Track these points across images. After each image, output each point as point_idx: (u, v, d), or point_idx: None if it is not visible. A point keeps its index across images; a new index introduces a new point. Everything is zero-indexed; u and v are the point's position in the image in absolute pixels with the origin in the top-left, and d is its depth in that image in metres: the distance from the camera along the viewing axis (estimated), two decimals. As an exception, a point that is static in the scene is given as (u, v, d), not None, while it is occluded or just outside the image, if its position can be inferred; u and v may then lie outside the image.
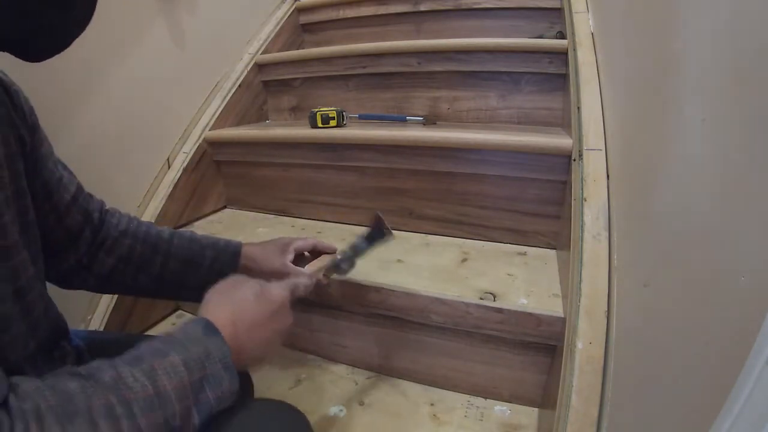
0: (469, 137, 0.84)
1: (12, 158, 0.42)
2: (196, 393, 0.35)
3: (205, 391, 0.36)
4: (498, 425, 0.71)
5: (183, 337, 0.38)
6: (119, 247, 0.57)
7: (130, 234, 0.58)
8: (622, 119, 0.66)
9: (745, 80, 0.32)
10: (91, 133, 0.86)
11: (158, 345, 0.37)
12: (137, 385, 0.33)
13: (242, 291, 0.45)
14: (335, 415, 0.73)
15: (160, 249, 0.59)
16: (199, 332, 0.39)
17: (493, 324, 0.68)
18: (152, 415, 0.32)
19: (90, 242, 0.55)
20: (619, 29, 0.75)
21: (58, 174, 0.52)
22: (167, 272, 0.59)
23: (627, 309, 0.52)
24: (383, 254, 0.85)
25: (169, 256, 0.59)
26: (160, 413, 0.33)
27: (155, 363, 0.35)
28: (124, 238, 0.58)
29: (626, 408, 0.45)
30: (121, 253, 0.57)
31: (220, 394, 0.37)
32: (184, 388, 0.34)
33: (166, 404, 0.33)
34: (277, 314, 0.46)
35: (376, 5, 1.40)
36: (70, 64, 0.80)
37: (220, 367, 0.37)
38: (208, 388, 0.36)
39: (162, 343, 0.37)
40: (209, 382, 0.36)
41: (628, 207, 0.58)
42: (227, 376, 0.38)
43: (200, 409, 0.36)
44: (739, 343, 0.27)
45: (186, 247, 0.61)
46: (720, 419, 0.27)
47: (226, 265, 0.62)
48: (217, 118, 1.15)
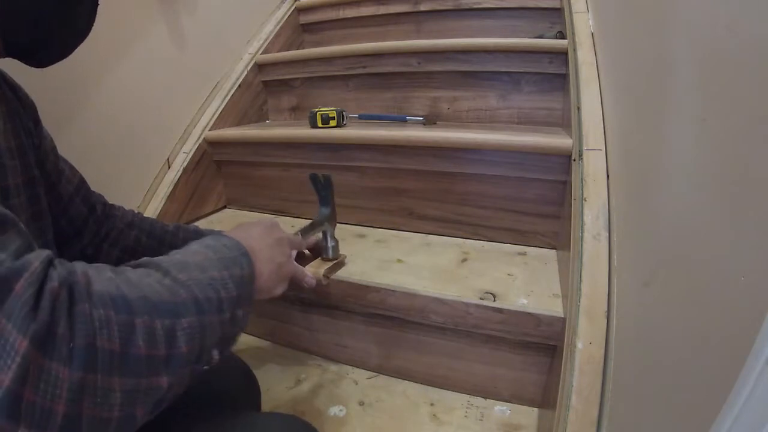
0: (469, 137, 0.84)
1: (22, 149, 0.43)
2: (226, 268, 0.38)
3: (232, 269, 0.38)
4: (498, 425, 0.71)
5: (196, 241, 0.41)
6: (125, 238, 0.59)
7: (136, 226, 0.60)
8: (622, 119, 0.66)
9: (745, 80, 0.32)
10: (91, 133, 0.86)
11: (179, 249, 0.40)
12: (171, 258, 0.36)
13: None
14: (335, 415, 0.73)
15: (166, 241, 0.61)
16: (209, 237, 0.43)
17: (493, 324, 0.68)
18: (192, 274, 0.34)
19: (94, 233, 0.57)
20: (619, 29, 0.75)
21: (60, 166, 0.54)
22: None
23: (627, 309, 0.52)
24: (383, 254, 0.85)
25: (174, 248, 0.60)
26: (200, 275, 0.35)
27: (181, 250, 0.39)
28: (130, 230, 0.59)
29: (626, 408, 0.45)
30: (126, 245, 0.59)
31: (247, 272, 0.40)
32: (211, 261, 0.37)
33: (203, 269, 0.35)
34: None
35: (376, 5, 1.40)
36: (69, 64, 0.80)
37: (238, 252, 0.41)
38: (233, 267, 0.39)
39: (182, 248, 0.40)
40: (234, 262, 0.39)
41: (628, 207, 0.58)
42: (245, 260, 0.41)
43: (235, 282, 0.37)
44: (739, 343, 0.27)
45: (191, 239, 0.61)
46: (720, 419, 0.27)
47: None
48: (217, 118, 1.15)
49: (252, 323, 0.95)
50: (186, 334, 0.31)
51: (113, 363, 0.26)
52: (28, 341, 0.23)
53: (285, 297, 0.87)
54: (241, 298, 0.38)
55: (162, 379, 0.29)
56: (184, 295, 0.32)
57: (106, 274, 0.29)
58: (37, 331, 0.23)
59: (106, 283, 0.28)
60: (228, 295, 0.36)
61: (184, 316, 0.31)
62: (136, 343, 0.27)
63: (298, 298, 0.86)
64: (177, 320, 0.30)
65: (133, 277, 0.31)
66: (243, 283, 0.39)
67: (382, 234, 0.97)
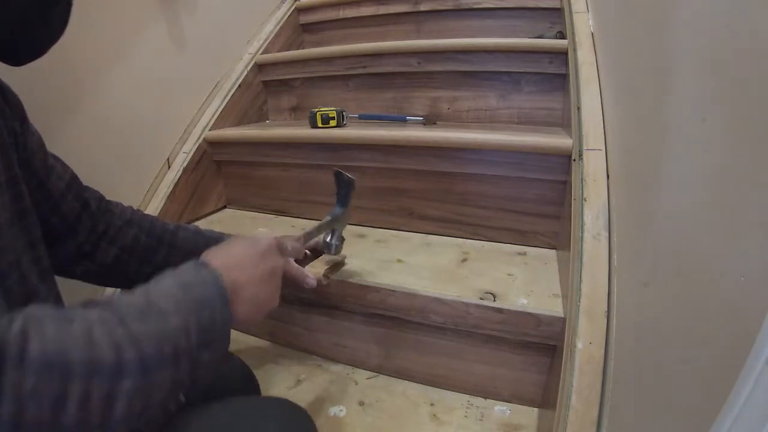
0: (469, 137, 0.84)
1: (4, 148, 0.43)
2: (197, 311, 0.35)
3: (204, 311, 0.36)
4: (498, 425, 0.71)
5: (175, 270, 0.39)
6: (123, 236, 0.58)
7: (135, 224, 0.59)
8: (622, 119, 0.66)
9: (745, 80, 0.32)
10: (91, 133, 0.86)
11: (153, 280, 0.38)
12: (131, 300, 0.33)
13: (230, 243, 0.46)
14: (335, 415, 0.73)
15: (165, 240, 0.60)
16: (190, 266, 0.40)
17: (493, 324, 0.67)
18: (148, 326, 0.32)
19: (90, 230, 0.56)
20: (619, 29, 0.75)
21: (50, 163, 0.54)
22: (171, 264, 0.60)
23: (627, 309, 0.52)
24: (383, 254, 0.85)
25: (173, 248, 0.60)
26: (157, 326, 0.32)
27: (149, 287, 0.36)
28: (129, 228, 0.59)
29: (626, 408, 0.45)
30: (125, 243, 0.58)
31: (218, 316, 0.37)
32: (178, 304, 0.35)
33: (162, 318, 0.33)
34: (268, 254, 0.46)
35: (376, 5, 1.40)
36: (70, 64, 0.81)
37: (215, 291, 0.38)
38: (206, 310, 0.36)
39: (156, 277, 0.38)
40: (207, 304, 0.36)
41: (628, 207, 0.58)
42: (221, 301, 0.38)
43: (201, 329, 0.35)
44: (739, 343, 0.27)
45: (191, 239, 0.62)
46: (720, 419, 0.27)
47: None
48: (217, 118, 1.15)
49: (252, 323, 0.95)
50: (127, 397, 0.29)
51: (41, 427, 0.26)
52: None
53: (284, 297, 0.87)
54: (207, 343, 0.36)
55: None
56: (132, 355, 0.30)
57: (49, 330, 0.27)
58: None
59: (44, 343, 0.26)
60: (188, 344, 0.34)
61: (128, 378, 0.29)
62: (68, 412, 0.26)
63: (298, 298, 0.86)
64: (118, 383, 0.29)
65: (78, 331, 0.28)
66: (211, 329, 0.36)
67: (382, 234, 0.97)
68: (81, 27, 0.82)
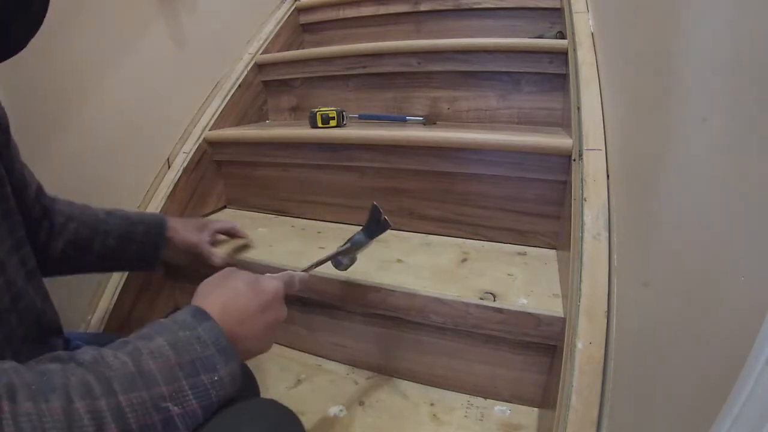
0: (469, 137, 0.84)
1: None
2: (189, 376, 0.34)
3: (199, 375, 0.34)
4: (498, 425, 0.71)
5: (170, 322, 0.37)
6: (67, 232, 0.63)
7: (75, 218, 0.64)
8: (622, 119, 0.66)
9: (745, 79, 0.32)
10: (91, 133, 0.86)
11: (145, 331, 0.36)
12: (117, 363, 0.31)
13: (233, 281, 0.44)
14: (335, 415, 0.73)
15: (100, 230, 0.65)
16: (188, 317, 0.37)
17: (493, 324, 0.67)
18: (134, 395, 0.30)
19: (48, 232, 0.61)
20: (619, 29, 0.75)
21: (24, 172, 0.57)
22: (107, 249, 0.66)
23: (627, 309, 0.52)
24: (383, 254, 0.85)
25: (107, 235, 0.66)
26: (144, 393, 0.31)
27: (140, 344, 0.34)
28: (70, 223, 0.63)
29: (626, 408, 0.45)
30: (68, 238, 0.63)
31: (217, 378, 0.35)
32: (171, 368, 0.33)
33: (151, 384, 0.31)
34: (270, 306, 0.44)
35: (376, 5, 1.40)
36: (69, 64, 0.81)
37: (213, 350, 0.36)
38: (202, 372, 0.34)
39: (149, 328, 0.36)
40: (203, 365, 0.35)
41: (627, 207, 0.58)
42: (222, 358, 0.36)
43: (197, 394, 0.34)
44: (739, 343, 0.27)
45: (120, 224, 0.68)
46: (720, 419, 0.27)
47: (155, 236, 0.70)
48: (217, 118, 1.15)
49: (252, 323, 0.95)
50: None
51: None
52: None
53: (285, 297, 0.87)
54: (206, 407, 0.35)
55: None
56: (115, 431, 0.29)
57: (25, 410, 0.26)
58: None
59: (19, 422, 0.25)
60: (183, 410, 0.33)
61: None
62: None
63: (298, 298, 0.86)
64: None
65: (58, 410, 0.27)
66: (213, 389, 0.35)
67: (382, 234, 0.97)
68: (81, 27, 0.82)
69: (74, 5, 0.79)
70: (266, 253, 0.86)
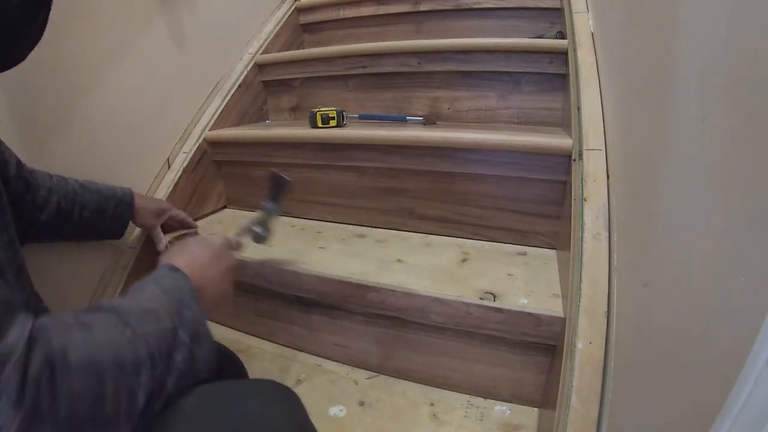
0: (469, 137, 0.84)
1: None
2: (179, 314, 0.41)
3: (184, 312, 0.42)
4: (498, 425, 0.71)
5: (155, 276, 0.45)
6: (49, 205, 0.68)
7: (54, 192, 0.69)
8: (622, 119, 0.66)
9: (745, 79, 0.32)
10: (91, 133, 0.86)
11: (137, 285, 0.43)
12: (126, 305, 0.38)
13: (189, 245, 0.54)
14: (335, 415, 0.73)
15: (77, 201, 0.71)
16: (165, 272, 0.45)
17: (493, 324, 0.68)
18: (147, 326, 0.37)
19: (32, 205, 0.65)
20: (619, 29, 0.75)
21: (6, 154, 0.61)
22: (83, 221, 0.73)
23: (627, 309, 0.52)
24: (383, 254, 0.85)
25: (84, 208, 0.72)
26: (155, 326, 0.38)
27: (137, 295, 0.41)
28: (51, 196, 0.68)
29: (626, 408, 0.45)
30: (51, 210, 0.68)
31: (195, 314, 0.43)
32: (167, 307, 0.40)
33: (158, 319, 0.39)
34: (222, 254, 0.54)
35: (376, 5, 1.40)
36: (69, 63, 0.80)
37: (189, 294, 0.44)
38: (185, 309, 0.42)
39: (139, 283, 0.43)
40: (185, 304, 0.42)
41: (628, 207, 0.58)
42: (195, 300, 0.44)
43: (187, 327, 0.41)
44: (739, 343, 0.27)
45: (94, 199, 0.74)
46: (720, 419, 0.27)
47: (123, 211, 0.79)
48: (217, 118, 1.15)
49: (252, 323, 0.95)
50: (145, 389, 0.35)
51: (86, 421, 0.32)
52: (19, 419, 0.28)
53: (285, 297, 0.87)
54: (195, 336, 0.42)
55: (124, 425, 0.35)
56: (144, 352, 0.36)
57: (78, 337, 0.33)
58: (25, 413, 0.28)
59: (79, 349, 0.32)
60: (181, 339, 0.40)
61: (143, 374, 0.35)
62: (106, 404, 0.33)
63: (298, 298, 0.86)
64: (137, 379, 0.35)
65: (99, 336, 0.34)
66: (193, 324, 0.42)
67: (382, 234, 0.97)
68: (81, 27, 0.82)
69: (74, 5, 0.79)
70: (266, 253, 0.86)
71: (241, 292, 0.94)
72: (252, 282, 0.86)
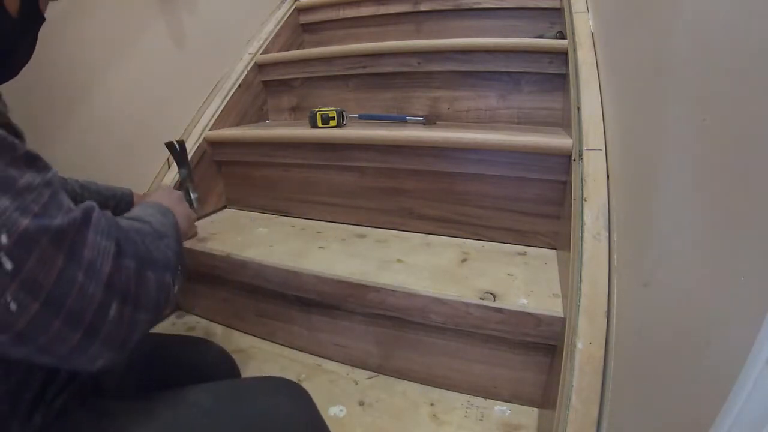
0: (469, 137, 0.84)
1: None
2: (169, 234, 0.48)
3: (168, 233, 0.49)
4: (498, 425, 0.71)
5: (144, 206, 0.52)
6: None
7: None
8: (622, 119, 0.66)
9: (745, 80, 0.32)
10: (91, 133, 0.86)
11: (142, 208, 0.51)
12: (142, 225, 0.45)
13: (161, 192, 0.66)
14: (335, 415, 0.73)
15: (77, 201, 0.76)
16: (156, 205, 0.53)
17: (493, 324, 0.68)
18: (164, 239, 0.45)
19: None
20: (619, 29, 0.75)
21: None
22: None
23: (627, 309, 0.52)
24: (383, 254, 0.85)
25: None
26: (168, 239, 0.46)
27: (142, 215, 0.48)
28: None
29: (626, 408, 0.45)
30: None
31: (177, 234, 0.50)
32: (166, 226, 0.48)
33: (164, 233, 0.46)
34: (181, 201, 0.66)
35: (376, 5, 1.40)
36: (69, 64, 0.81)
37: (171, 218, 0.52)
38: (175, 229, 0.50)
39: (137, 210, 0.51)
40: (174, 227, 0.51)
41: (628, 207, 0.58)
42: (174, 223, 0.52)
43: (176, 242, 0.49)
44: (739, 343, 0.27)
45: (94, 199, 0.75)
46: (720, 419, 0.27)
47: (123, 211, 0.82)
48: (217, 118, 1.15)
49: (252, 323, 0.95)
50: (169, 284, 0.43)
51: (147, 262, 0.39)
52: (112, 252, 0.35)
53: (285, 297, 0.87)
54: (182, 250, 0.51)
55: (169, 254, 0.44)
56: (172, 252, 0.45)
57: (135, 226, 0.42)
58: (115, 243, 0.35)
59: (133, 237, 0.39)
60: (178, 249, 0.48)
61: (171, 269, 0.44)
62: (156, 249, 0.42)
63: (298, 298, 0.86)
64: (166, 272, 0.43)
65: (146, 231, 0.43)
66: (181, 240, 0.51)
67: (382, 234, 0.97)
68: (81, 27, 0.82)
69: (74, 5, 0.79)
70: (266, 253, 0.86)
71: (241, 292, 0.94)
72: (252, 282, 0.86)
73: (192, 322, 1.02)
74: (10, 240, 0.28)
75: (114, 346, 0.34)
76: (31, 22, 0.47)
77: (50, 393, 0.41)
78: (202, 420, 0.43)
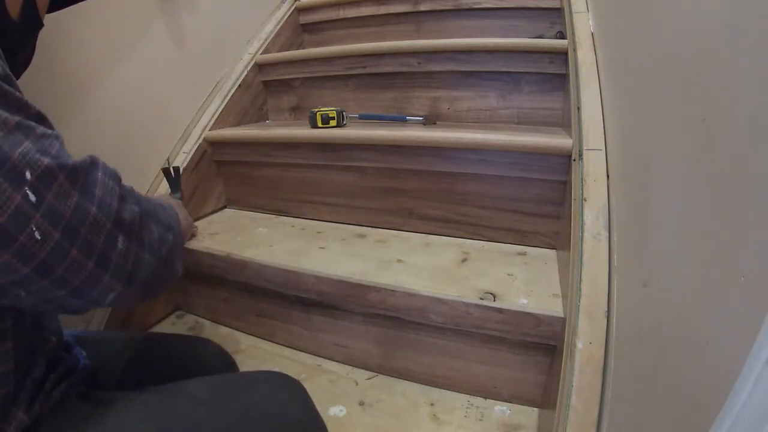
0: (468, 137, 0.84)
1: None
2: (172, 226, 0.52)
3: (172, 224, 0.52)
4: (498, 425, 0.71)
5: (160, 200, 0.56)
6: None
7: None
8: (622, 119, 0.66)
9: (745, 79, 0.32)
10: (91, 133, 0.86)
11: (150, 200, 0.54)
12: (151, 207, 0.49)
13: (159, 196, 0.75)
14: (335, 415, 0.73)
15: None
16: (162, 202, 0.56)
17: (493, 324, 0.68)
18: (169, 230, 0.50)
19: None
20: (619, 29, 0.75)
21: None
22: None
23: (627, 309, 0.52)
24: (383, 254, 0.85)
25: None
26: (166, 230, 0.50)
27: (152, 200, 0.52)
28: None
29: (626, 408, 0.45)
30: None
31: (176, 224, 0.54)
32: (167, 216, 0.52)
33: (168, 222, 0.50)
34: (179, 204, 0.73)
35: (376, 5, 1.40)
36: (69, 64, 0.81)
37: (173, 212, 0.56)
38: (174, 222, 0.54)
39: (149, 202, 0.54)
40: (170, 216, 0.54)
41: (628, 207, 0.58)
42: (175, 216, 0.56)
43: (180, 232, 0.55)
44: (739, 343, 0.27)
45: None
46: (720, 419, 0.27)
47: None
48: (217, 118, 1.15)
49: (252, 323, 0.95)
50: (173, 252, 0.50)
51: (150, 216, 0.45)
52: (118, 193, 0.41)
53: (285, 297, 0.87)
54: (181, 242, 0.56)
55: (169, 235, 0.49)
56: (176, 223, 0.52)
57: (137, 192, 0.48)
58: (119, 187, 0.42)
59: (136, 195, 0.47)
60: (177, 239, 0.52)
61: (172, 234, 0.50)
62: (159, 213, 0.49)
63: (298, 298, 0.86)
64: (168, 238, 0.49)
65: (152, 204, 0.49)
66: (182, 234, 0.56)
67: (382, 234, 0.97)
68: (81, 27, 0.82)
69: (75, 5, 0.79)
70: (266, 254, 0.86)
71: (241, 292, 0.94)
72: (252, 282, 0.86)
73: (192, 322, 1.02)
74: (33, 176, 0.32)
75: (122, 278, 0.39)
76: (31, 27, 0.47)
77: (50, 383, 0.41)
78: (199, 409, 0.44)
